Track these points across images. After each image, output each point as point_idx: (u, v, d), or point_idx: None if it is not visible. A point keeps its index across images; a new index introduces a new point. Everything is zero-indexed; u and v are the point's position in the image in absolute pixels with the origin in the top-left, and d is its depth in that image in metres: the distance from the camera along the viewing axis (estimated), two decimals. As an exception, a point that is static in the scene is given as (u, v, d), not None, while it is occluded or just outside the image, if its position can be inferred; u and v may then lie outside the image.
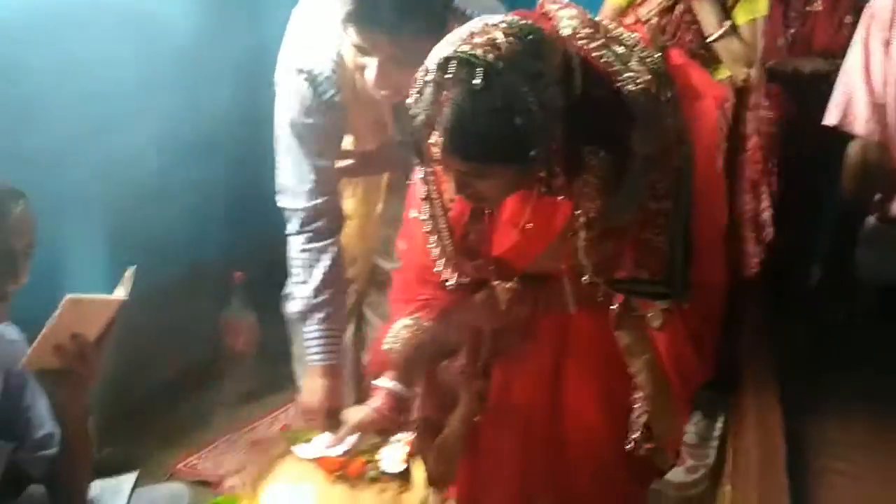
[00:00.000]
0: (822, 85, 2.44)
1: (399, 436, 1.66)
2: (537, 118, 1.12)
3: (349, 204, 2.12)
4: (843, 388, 1.34)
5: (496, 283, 1.52)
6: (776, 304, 1.65)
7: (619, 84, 1.21)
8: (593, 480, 1.62)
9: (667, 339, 1.36)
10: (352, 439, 1.62)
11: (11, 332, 1.53)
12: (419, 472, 1.62)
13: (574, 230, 1.30)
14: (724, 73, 1.88)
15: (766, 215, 1.99)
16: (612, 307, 1.38)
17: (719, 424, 2.74)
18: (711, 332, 1.43)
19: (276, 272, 2.72)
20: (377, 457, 1.65)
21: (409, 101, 1.21)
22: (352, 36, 1.58)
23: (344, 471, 1.62)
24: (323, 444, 1.65)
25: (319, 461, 1.63)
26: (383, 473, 1.63)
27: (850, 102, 1.72)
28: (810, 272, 1.90)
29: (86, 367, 1.43)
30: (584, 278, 1.31)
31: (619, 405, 1.54)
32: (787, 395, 1.26)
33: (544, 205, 1.34)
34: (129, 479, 1.69)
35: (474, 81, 1.11)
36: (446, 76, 1.14)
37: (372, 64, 1.58)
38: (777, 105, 2.23)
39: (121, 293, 1.46)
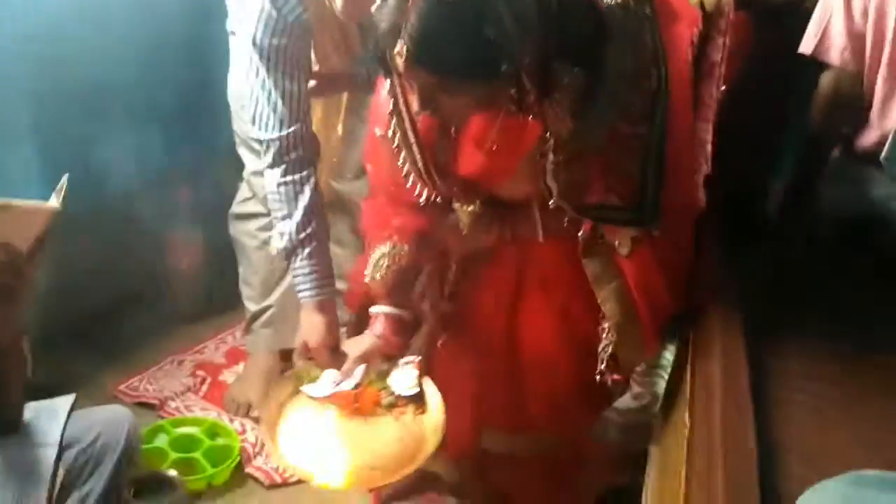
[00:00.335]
0: (794, 15, 2.42)
1: (406, 358, 1.61)
2: (510, 30, 1.06)
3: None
4: (805, 321, 1.33)
5: (458, 205, 1.47)
6: (735, 234, 1.63)
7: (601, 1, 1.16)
8: (546, 408, 1.63)
9: (635, 267, 1.33)
10: (360, 371, 1.58)
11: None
12: (433, 392, 1.57)
13: (543, 152, 1.25)
14: (691, -2, 1.80)
15: (709, 147, 1.98)
16: (579, 234, 1.33)
17: (668, 354, 2.78)
18: (682, 262, 1.41)
19: (224, 188, 2.66)
20: (388, 382, 1.59)
21: (373, 7, 1.14)
22: None
23: (359, 403, 1.56)
24: (331, 380, 1.59)
25: (332, 398, 1.56)
26: (399, 398, 1.57)
27: (826, 31, 1.67)
28: (769, 203, 1.88)
29: (18, 280, 1.33)
30: (550, 202, 1.26)
31: (579, 335, 1.55)
32: (749, 327, 1.24)
33: (511, 125, 1.28)
34: (66, 400, 1.61)
35: None
36: None
37: None
38: (742, 33, 2.19)
39: (54, 202, 1.37)
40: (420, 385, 1.58)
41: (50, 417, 1.56)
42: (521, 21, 1.07)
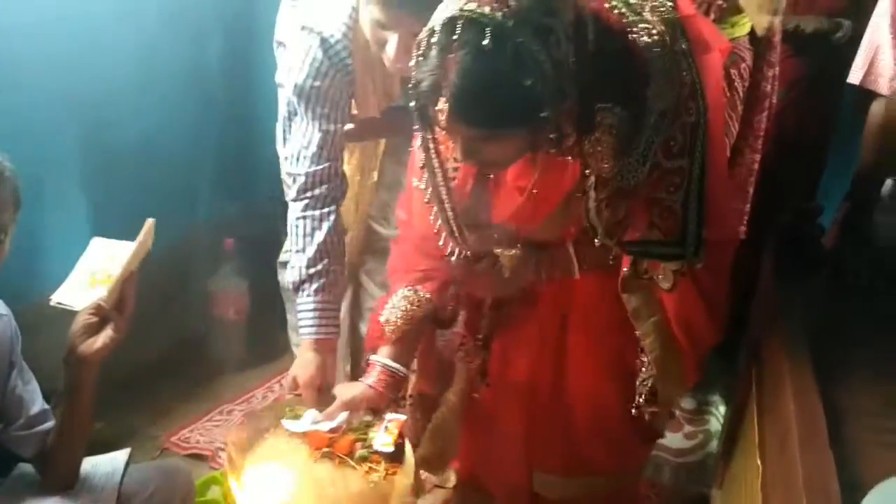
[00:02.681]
0: (824, 44, 2.42)
1: (391, 416, 1.57)
2: (549, 77, 1.07)
3: (345, 170, 2.06)
4: (871, 356, 1.29)
5: (499, 251, 1.47)
6: (793, 268, 1.61)
7: (632, 36, 1.15)
8: (596, 446, 1.60)
9: (676, 300, 1.32)
10: (343, 416, 1.55)
11: (-1, 306, 1.45)
12: (410, 454, 1.53)
13: (583, 191, 1.25)
14: (743, 29, 1.80)
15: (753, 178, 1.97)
16: (623, 269, 1.32)
17: (718, 391, 2.73)
18: (721, 294, 1.39)
19: (269, 239, 2.68)
20: (369, 435, 1.55)
21: (411, 64, 1.16)
22: (373, 12, 1.57)
23: (331, 448, 1.52)
24: (312, 419, 1.56)
25: (308, 436, 1.53)
26: (373, 453, 1.52)
27: (874, 61, 1.66)
28: (821, 233, 1.85)
29: (122, 317, 1.38)
30: (595, 241, 1.25)
31: (623, 369, 1.53)
32: (817, 364, 1.20)
33: (551, 166, 1.30)
34: (121, 455, 1.62)
35: (483, 42, 1.06)
36: (452, 38, 1.08)
37: (392, 39, 1.57)
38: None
39: (147, 243, 1.45)
40: (399, 446, 1.53)
41: (107, 472, 1.58)
42: (560, 67, 1.08)
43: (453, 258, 1.46)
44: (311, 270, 1.74)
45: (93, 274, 1.41)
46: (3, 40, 1.81)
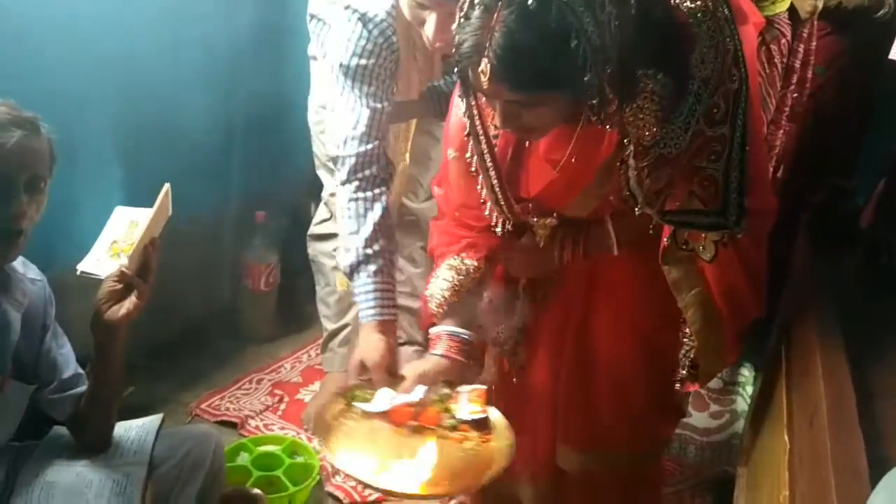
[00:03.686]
0: (865, 21, 2.37)
1: (469, 387, 1.51)
2: (592, 40, 1.06)
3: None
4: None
5: (535, 219, 1.46)
6: (826, 245, 1.58)
7: (675, 1, 1.15)
8: (621, 424, 1.59)
9: (718, 271, 1.30)
10: (420, 390, 1.49)
11: (32, 271, 1.48)
12: (499, 418, 1.49)
13: (622, 160, 1.23)
14: (783, 5, 1.76)
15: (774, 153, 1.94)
16: (664, 240, 1.31)
17: (745, 371, 2.71)
18: (762, 265, 1.37)
19: (299, 212, 2.70)
20: (450, 406, 1.49)
21: (454, 26, 1.15)
22: None
23: (417, 421, 1.47)
24: (388, 398, 1.50)
25: (389, 414, 1.48)
26: (461, 422, 1.47)
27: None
28: (858, 211, 1.82)
29: (145, 283, 1.39)
30: (636, 210, 1.24)
31: (652, 347, 1.52)
32: (849, 342, 1.19)
33: (589, 135, 1.28)
34: (154, 420, 1.65)
35: (527, 2, 1.05)
36: None
37: (431, 18, 1.58)
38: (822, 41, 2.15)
39: (168, 208, 1.46)
40: (485, 411, 1.49)
41: (139, 436, 1.60)
42: (605, 31, 1.07)
43: (497, 229, 1.45)
44: (368, 252, 1.72)
45: (115, 242, 1.44)
46: (32, 12, 1.81)
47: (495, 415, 1.50)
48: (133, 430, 1.62)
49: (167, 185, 1.45)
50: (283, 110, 2.60)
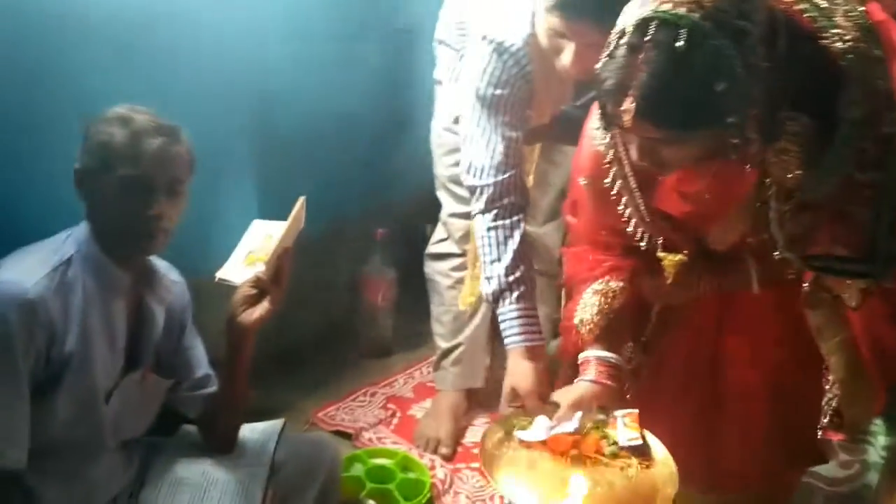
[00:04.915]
0: None
1: (623, 410, 1.50)
2: (741, 82, 1.05)
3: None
4: None
5: (664, 255, 1.44)
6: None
7: (824, 42, 1.11)
8: (748, 462, 1.55)
9: (864, 320, 1.25)
10: (577, 417, 1.48)
11: (174, 274, 1.58)
12: (657, 445, 1.46)
13: (763, 200, 1.21)
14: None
15: None
16: (804, 285, 1.26)
17: (879, 420, 2.54)
18: None
19: (418, 230, 2.75)
20: (608, 432, 1.48)
21: (598, 64, 1.15)
22: (551, 21, 1.59)
23: (578, 450, 1.45)
24: (545, 426, 1.50)
25: (548, 443, 1.47)
26: (621, 449, 1.46)
27: None
28: None
29: (278, 289, 1.48)
30: (775, 254, 1.20)
31: (786, 388, 1.48)
32: None
33: (726, 172, 1.26)
34: (276, 424, 1.72)
35: (677, 44, 1.04)
36: (645, 38, 1.07)
37: (569, 48, 1.59)
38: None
39: (300, 221, 1.54)
40: (642, 437, 1.47)
41: (262, 440, 1.67)
42: (752, 72, 1.05)
43: (643, 243, 1.44)
44: (510, 279, 1.75)
45: (251, 252, 1.51)
46: (164, 25, 1.88)
47: (653, 440, 1.48)
48: (256, 433, 1.69)
49: (302, 199, 1.53)
50: (404, 130, 2.66)
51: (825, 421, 1.36)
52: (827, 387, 1.35)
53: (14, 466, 1.28)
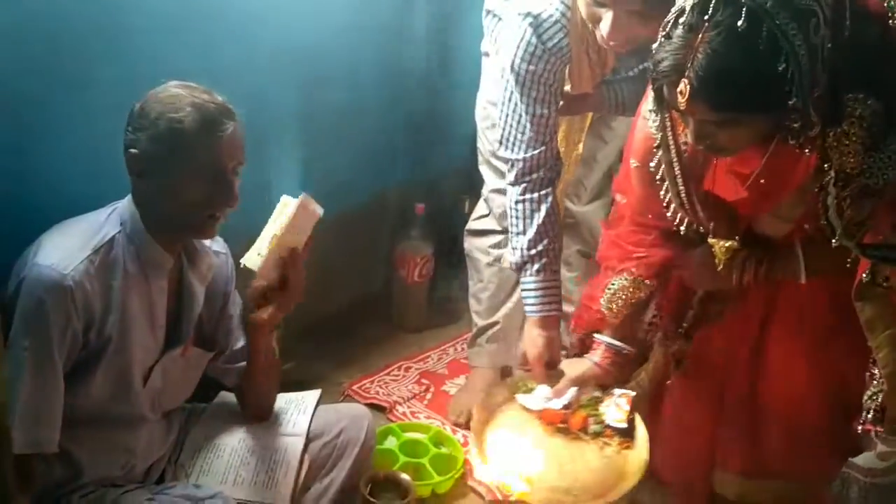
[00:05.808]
0: None
1: (620, 391, 1.64)
2: (803, 63, 1.02)
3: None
4: None
5: (715, 241, 1.42)
6: None
7: (893, 22, 1.09)
8: (785, 453, 1.54)
9: None
10: (572, 392, 1.64)
11: (219, 244, 1.58)
12: (642, 430, 1.60)
13: (821, 186, 1.17)
14: None
15: None
16: (862, 275, 1.23)
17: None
18: None
19: (455, 206, 2.73)
20: (600, 410, 1.64)
21: (654, 45, 1.14)
22: None
23: (565, 423, 1.63)
24: (544, 395, 1.66)
25: (541, 413, 1.64)
26: (606, 428, 1.61)
27: None
28: None
29: (285, 294, 1.46)
30: (833, 241, 1.17)
31: (829, 378, 1.46)
32: None
33: (782, 156, 1.23)
34: (312, 395, 1.73)
35: (738, 24, 1.02)
36: (704, 18, 1.04)
37: (607, 16, 1.56)
38: None
39: (319, 209, 1.48)
40: (630, 421, 1.60)
41: (298, 409, 1.68)
42: (817, 54, 1.03)
43: (682, 229, 1.44)
44: (533, 252, 1.83)
45: (276, 236, 1.46)
46: (217, 3, 1.87)
47: (640, 425, 1.60)
48: (293, 403, 1.70)
49: (302, 196, 1.47)
50: (449, 103, 2.64)
51: (867, 416, 1.34)
52: (874, 381, 1.32)
53: (46, 450, 1.28)
